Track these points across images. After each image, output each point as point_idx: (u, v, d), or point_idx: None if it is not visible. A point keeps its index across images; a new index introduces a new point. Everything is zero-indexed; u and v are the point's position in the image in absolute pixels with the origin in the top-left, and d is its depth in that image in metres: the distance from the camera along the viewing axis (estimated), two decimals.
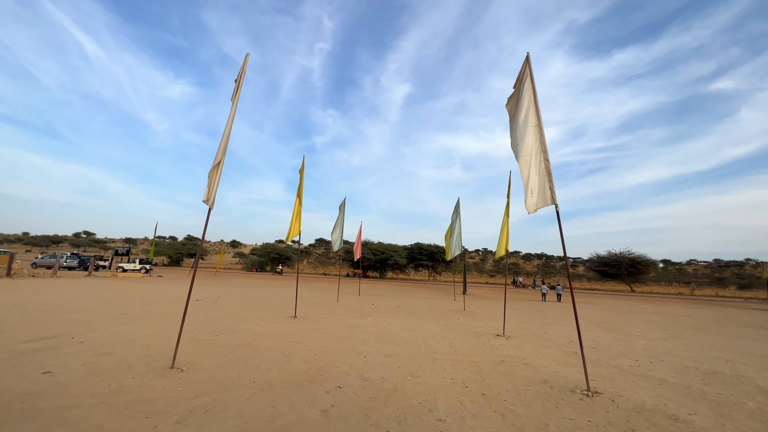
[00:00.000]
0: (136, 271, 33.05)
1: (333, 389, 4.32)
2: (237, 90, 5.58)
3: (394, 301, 16.85)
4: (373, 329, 8.83)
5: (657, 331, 11.35)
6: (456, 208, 15.71)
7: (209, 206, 5.22)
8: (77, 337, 6.36)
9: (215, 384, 4.30)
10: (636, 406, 4.13)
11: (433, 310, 13.88)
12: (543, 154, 4.87)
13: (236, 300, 14.17)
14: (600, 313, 16.37)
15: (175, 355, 4.92)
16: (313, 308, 12.62)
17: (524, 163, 5.04)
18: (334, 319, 10.17)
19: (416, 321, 10.73)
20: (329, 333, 8.04)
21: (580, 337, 4.85)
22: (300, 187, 10.46)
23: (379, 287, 28.67)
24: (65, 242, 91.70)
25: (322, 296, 17.77)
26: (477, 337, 8.40)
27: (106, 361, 4.97)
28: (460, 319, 11.64)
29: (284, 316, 10.41)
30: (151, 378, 4.38)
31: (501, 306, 17.22)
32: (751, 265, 79.89)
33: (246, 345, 6.44)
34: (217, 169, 5.26)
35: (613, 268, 45.94)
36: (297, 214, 10.38)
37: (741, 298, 40.59)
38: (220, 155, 5.27)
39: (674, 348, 8.30)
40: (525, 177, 5.09)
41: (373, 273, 51.58)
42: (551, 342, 8.35)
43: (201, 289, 18.38)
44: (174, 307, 11.01)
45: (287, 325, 8.78)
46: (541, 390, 4.61)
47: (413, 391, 4.37)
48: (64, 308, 9.76)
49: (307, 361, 5.52)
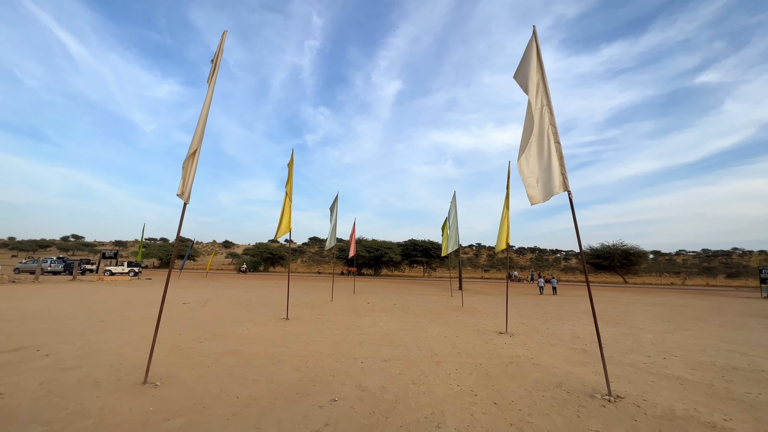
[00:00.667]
0: (124, 275, 32.08)
1: (327, 403, 3.83)
2: (213, 71, 5.01)
3: (390, 299, 16.40)
4: (370, 330, 8.36)
5: (659, 323, 11.10)
6: (452, 202, 15.28)
7: (184, 200, 4.66)
8: (44, 349, 5.76)
9: (192, 401, 3.78)
10: (665, 412, 3.73)
11: (431, 308, 13.47)
12: (554, 136, 4.42)
13: (226, 302, 13.57)
14: (599, 306, 16.15)
15: (148, 369, 4.38)
16: (306, 309, 12.10)
17: (534, 148, 4.58)
18: (328, 320, 9.68)
19: (414, 320, 10.29)
20: (323, 336, 7.55)
21: (599, 336, 4.45)
22: (289, 182, 9.89)
23: (375, 285, 28.22)
24: (53, 246, 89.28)
25: (316, 295, 17.24)
26: (479, 336, 7.99)
27: (70, 378, 4.40)
28: (460, 317, 11.23)
29: (276, 318, 9.88)
30: (118, 397, 3.84)
31: (499, 301, 16.90)
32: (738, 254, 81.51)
33: (232, 353, 5.91)
34: (192, 159, 4.70)
35: (607, 260, 46.21)
36: (286, 211, 9.82)
37: (731, 286, 41.15)
38: (196, 144, 4.71)
39: (683, 341, 7.99)
40: (533, 163, 4.63)
41: (368, 270, 51.10)
42: (556, 338, 7.98)
43: (190, 292, 17.69)
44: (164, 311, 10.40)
45: (278, 328, 8.25)
46: (557, 396, 4.18)
47: (417, 402, 3.91)
48: (37, 316, 9.09)
49: (299, 370, 5.02)
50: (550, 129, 4.44)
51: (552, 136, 4.43)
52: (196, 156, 4.71)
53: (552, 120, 4.46)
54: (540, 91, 4.55)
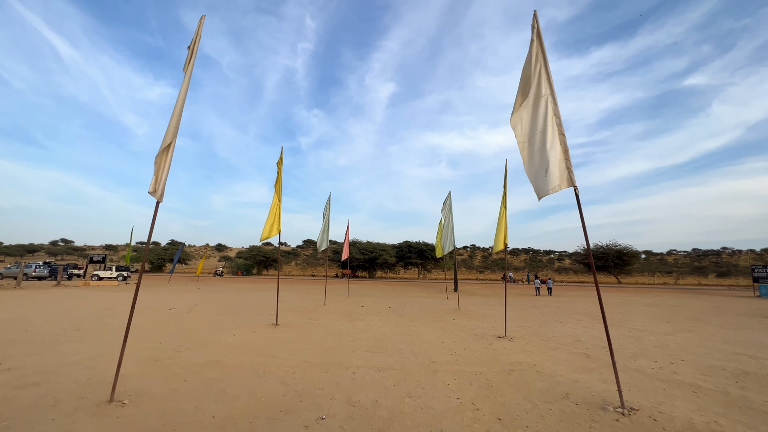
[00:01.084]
0: (112, 279, 31.23)
1: (314, 422, 3.44)
2: (190, 58, 4.61)
3: (384, 302, 16.01)
4: (363, 336, 7.97)
5: (659, 324, 10.88)
6: (447, 203, 14.97)
7: (157, 199, 4.25)
8: (6, 363, 5.28)
9: (162, 423, 3.37)
10: (685, 427, 3.41)
11: (427, 311, 13.11)
12: (558, 128, 4.11)
13: (215, 307, 13.06)
14: (595, 307, 15.94)
15: (115, 385, 3.94)
16: (297, 313, 11.66)
17: (536, 141, 4.25)
18: (320, 325, 9.26)
19: (409, 324, 9.93)
20: (313, 343, 7.14)
21: (610, 343, 4.11)
22: (278, 181, 9.48)
23: (369, 287, 27.80)
24: (41, 251, 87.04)
25: (309, 299, 16.78)
26: (477, 341, 7.65)
27: (26, 396, 3.95)
28: (456, 320, 10.89)
29: (265, 323, 9.44)
30: (77, 419, 3.41)
31: (495, 303, 16.61)
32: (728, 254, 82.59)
33: (213, 363, 5.48)
34: (166, 153, 4.29)
35: (600, 260, 46.39)
36: (275, 212, 9.41)
37: (723, 285, 41.54)
38: (170, 136, 4.30)
39: (686, 343, 7.74)
40: (537, 157, 4.31)
41: (363, 273, 50.63)
42: (557, 342, 7.67)
43: (179, 296, 17.12)
44: (143, 318, 9.88)
45: (266, 335, 7.82)
46: (565, 408, 3.85)
47: (414, 419, 3.54)
48: (9, 325, 8.54)
49: (285, 382, 4.62)
50: (554, 120, 4.13)
51: (556, 128, 4.11)
52: (171, 150, 4.30)
53: (556, 110, 4.15)
54: (542, 80, 4.23)
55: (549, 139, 4.16)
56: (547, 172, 3.99)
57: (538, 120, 4.20)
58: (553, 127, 4.12)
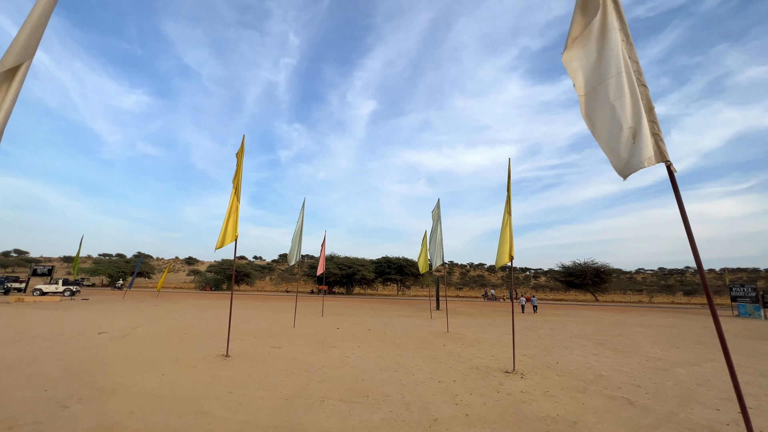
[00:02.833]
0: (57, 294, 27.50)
1: None
2: None
3: (363, 323, 14.17)
4: (337, 373, 6.21)
5: (669, 349, 9.77)
6: (436, 211, 13.60)
7: None
8: None
9: None
10: None
11: (411, 334, 11.44)
12: (635, 73, 2.76)
13: (160, 330, 10.80)
14: (589, 328, 14.83)
15: None
16: (259, 339, 9.68)
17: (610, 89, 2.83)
18: (283, 357, 7.40)
19: (394, 352, 8.23)
20: (269, 386, 5.32)
21: (742, 400, 2.67)
22: (237, 176, 7.74)
23: (346, 304, 25.73)
24: None
25: (277, 319, 14.67)
26: (482, 378, 6.07)
27: None
28: (447, 346, 9.30)
29: (213, 354, 7.46)
30: None
31: (484, 324, 15.17)
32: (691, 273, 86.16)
33: (105, 430, 3.59)
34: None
35: (579, 278, 46.45)
36: (232, 214, 7.62)
37: (695, 304, 42.32)
38: (18, 54, 2.60)
39: (725, 377, 6.50)
40: (613, 115, 2.88)
41: (340, 289, 48.16)
42: (576, 378, 6.23)
43: (123, 315, 14.53)
44: (59, 346, 7.67)
45: (208, 373, 5.90)
46: None
47: None
48: None
49: None
50: (630, 66, 2.78)
51: (634, 75, 2.76)
52: (17, 80, 2.58)
53: (632, 53, 2.80)
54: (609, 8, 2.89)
55: (627, 91, 2.78)
56: (636, 136, 2.60)
57: (610, 59, 2.83)
58: (630, 74, 2.76)
